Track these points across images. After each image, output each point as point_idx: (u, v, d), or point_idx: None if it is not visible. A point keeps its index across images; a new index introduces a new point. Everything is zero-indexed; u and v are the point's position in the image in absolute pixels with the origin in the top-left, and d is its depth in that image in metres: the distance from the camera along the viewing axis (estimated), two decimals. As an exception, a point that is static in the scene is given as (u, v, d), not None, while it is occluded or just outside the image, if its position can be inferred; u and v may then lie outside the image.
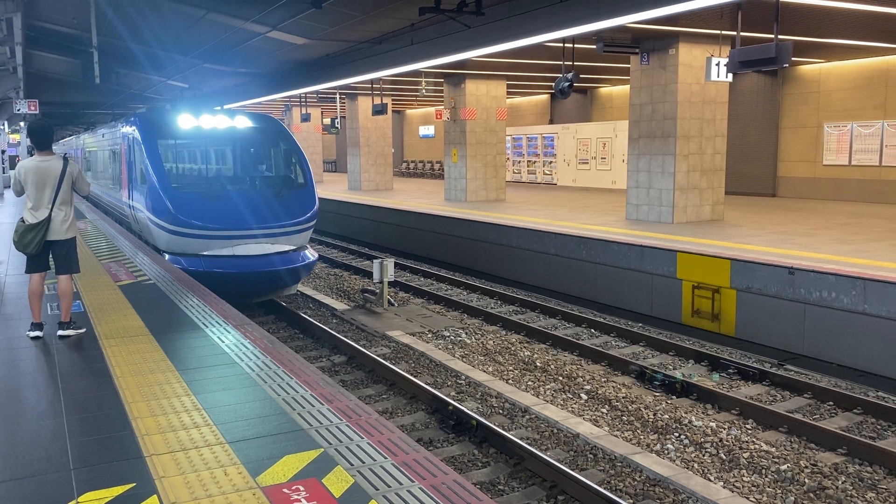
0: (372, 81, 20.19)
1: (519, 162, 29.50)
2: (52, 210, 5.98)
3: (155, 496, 3.36)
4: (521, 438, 6.63)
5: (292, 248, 11.29)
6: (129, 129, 12.80)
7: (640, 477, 6.03)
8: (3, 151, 29.84)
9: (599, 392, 8.15)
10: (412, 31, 14.38)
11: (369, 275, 14.24)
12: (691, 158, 14.35)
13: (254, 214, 10.86)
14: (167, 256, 10.82)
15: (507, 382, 8.48)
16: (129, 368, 5.28)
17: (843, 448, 6.61)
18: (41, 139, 6.09)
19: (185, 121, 11.82)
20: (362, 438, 3.99)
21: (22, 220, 6.05)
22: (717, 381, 8.58)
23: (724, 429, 7.11)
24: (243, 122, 12.22)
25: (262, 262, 10.81)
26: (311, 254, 11.62)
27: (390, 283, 12.75)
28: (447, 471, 3.59)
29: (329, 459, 3.73)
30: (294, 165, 12.29)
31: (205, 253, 10.68)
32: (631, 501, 5.65)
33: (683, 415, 7.44)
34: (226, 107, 14.75)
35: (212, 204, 10.82)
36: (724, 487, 5.88)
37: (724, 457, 6.51)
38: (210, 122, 11.92)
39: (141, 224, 12.24)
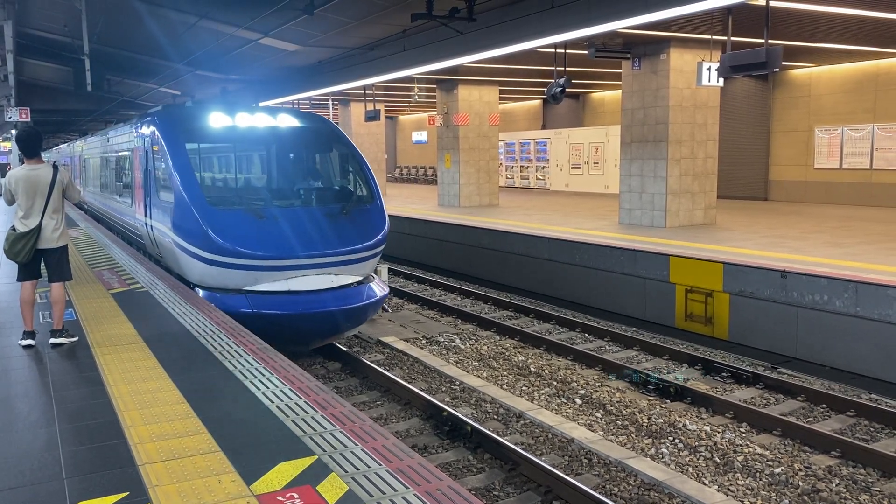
0: (364, 87, 20.21)
1: (512, 167, 29.56)
2: (42, 218, 5.96)
3: (148, 505, 3.34)
4: (515, 444, 6.62)
5: (359, 279, 9.07)
6: (146, 131, 10.56)
7: (634, 481, 6.03)
8: None
9: (594, 397, 8.16)
10: (404, 38, 14.42)
11: (363, 281, 14.22)
12: (683, 163, 14.41)
13: (312, 238, 8.60)
14: (201, 292, 8.64)
15: (501, 388, 8.47)
16: (122, 376, 5.26)
17: (836, 450, 6.63)
18: (29, 147, 6.07)
19: (217, 120, 9.61)
20: (356, 445, 3.98)
21: (13, 229, 6.03)
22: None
23: (719, 432, 7.12)
24: (288, 122, 9.99)
25: (324, 299, 8.53)
26: (379, 286, 9.31)
27: (384, 289, 12.71)
28: (442, 477, 3.59)
29: (323, 466, 3.72)
30: (355, 175, 10.09)
31: (251, 288, 8.50)
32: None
33: (678, 419, 7.46)
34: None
35: (259, 225, 8.55)
36: (718, 491, 5.89)
37: (719, 460, 6.52)
38: (247, 121, 9.69)
39: (163, 249, 9.93)
